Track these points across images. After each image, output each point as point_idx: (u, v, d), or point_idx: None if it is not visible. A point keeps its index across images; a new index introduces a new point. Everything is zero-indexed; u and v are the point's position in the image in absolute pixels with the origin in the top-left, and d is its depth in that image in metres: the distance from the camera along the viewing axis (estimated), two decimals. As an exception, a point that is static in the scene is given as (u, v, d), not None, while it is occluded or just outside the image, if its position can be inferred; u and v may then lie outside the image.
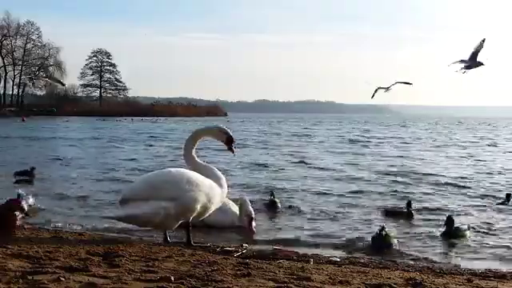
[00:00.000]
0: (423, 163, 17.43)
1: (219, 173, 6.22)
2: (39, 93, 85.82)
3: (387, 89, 8.74)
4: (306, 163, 16.83)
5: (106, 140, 28.54)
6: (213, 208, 6.06)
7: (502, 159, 19.72)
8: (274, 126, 57.61)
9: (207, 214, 6.10)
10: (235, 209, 7.22)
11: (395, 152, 22.36)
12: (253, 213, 7.08)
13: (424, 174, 14.04)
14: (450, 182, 12.66)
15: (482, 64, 7.90)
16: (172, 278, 4.11)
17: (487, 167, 16.48)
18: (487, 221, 8.22)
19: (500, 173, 15.09)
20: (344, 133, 41.96)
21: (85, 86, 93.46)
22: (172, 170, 6.15)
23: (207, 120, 72.08)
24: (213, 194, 5.95)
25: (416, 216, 8.36)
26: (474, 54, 7.77)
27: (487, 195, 10.76)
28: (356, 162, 17.71)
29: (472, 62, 7.80)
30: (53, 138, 30.04)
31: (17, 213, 5.88)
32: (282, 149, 23.28)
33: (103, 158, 18.56)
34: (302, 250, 6.23)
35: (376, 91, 9.20)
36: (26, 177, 11.89)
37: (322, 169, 15.42)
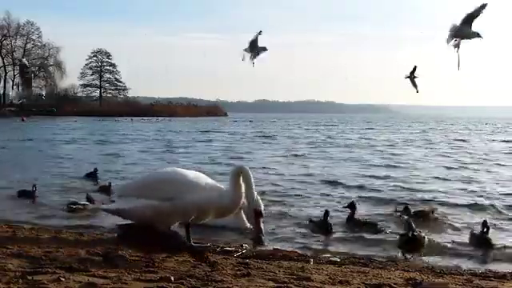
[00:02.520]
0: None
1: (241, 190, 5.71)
2: (39, 93, 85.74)
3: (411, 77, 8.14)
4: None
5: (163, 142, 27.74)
6: (212, 213, 5.81)
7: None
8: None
9: (209, 217, 5.94)
10: None
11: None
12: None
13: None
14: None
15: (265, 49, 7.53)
16: (172, 278, 4.11)
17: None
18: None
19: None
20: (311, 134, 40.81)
21: (85, 86, 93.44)
22: (170, 170, 6.09)
23: (207, 120, 72.05)
24: (213, 197, 5.63)
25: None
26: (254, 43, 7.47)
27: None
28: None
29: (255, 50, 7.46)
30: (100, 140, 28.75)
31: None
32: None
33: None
34: (301, 250, 6.23)
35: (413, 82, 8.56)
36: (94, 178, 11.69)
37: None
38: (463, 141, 30.92)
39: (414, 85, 7.95)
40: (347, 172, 14.51)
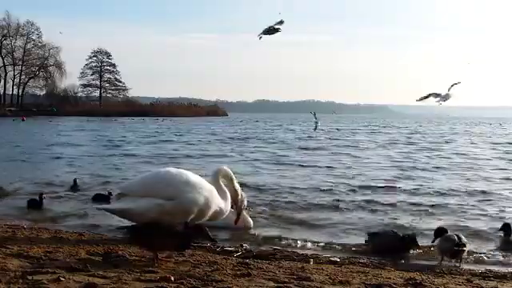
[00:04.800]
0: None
1: (227, 191, 6.17)
2: (39, 93, 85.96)
3: (442, 97, 7.73)
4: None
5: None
6: (210, 213, 5.96)
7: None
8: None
9: (206, 217, 6.03)
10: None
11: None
12: (245, 204, 6.86)
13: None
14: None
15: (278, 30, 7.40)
16: (172, 278, 4.12)
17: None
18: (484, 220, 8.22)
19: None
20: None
21: (85, 86, 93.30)
22: (172, 169, 6.14)
23: (208, 120, 71.96)
24: (211, 199, 5.88)
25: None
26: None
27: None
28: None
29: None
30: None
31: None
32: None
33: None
34: (302, 250, 6.23)
35: (427, 97, 8.14)
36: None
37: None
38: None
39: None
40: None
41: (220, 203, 5.98)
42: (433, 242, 6.09)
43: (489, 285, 4.69)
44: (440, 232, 6.02)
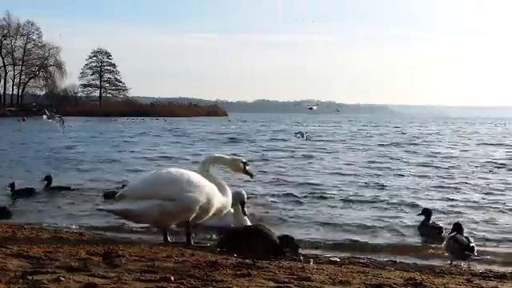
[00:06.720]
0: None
1: (225, 185, 6.22)
2: (39, 93, 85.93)
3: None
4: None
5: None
6: (213, 211, 6.02)
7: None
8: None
9: (207, 217, 6.06)
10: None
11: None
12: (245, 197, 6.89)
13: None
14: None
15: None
16: (172, 278, 4.12)
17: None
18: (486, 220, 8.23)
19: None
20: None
21: (85, 86, 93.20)
22: (172, 170, 6.16)
23: (209, 120, 71.87)
24: (213, 197, 5.92)
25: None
26: None
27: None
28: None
29: None
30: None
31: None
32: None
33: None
34: (302, 250, 6.23)
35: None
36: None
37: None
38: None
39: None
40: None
41: (221, 200, 6.03)
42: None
43: (489, 285, 4.69)
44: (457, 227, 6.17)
